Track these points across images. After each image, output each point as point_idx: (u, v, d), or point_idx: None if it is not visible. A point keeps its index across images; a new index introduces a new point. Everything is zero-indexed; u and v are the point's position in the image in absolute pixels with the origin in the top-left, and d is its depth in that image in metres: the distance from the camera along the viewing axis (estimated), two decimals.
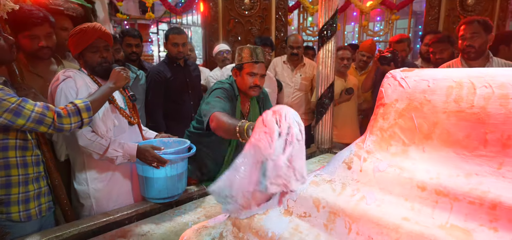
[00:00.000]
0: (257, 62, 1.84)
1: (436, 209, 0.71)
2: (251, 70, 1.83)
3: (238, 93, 1.91)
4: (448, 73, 0.84)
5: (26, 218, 1.43)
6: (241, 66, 1.85)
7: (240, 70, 1.86)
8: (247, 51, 1.84)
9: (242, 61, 1.85)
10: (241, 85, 1.88)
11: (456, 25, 4.00)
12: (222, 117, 1.55)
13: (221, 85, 1.87)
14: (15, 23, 1.57)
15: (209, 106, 1.69)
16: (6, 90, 1.29)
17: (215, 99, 1.73)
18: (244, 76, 1.84)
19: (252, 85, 1.84)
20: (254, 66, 1.83)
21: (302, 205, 0.87)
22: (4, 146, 1.36)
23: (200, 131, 1.91)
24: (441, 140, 0.80)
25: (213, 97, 1.75)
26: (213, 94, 1.79)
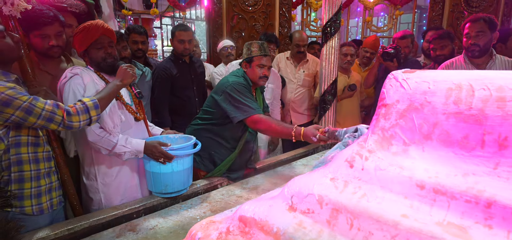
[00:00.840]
0: (266, 55, 2.05)
1: (434, 207, 0.75)
2: (260, 62, 2.03)
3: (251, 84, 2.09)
4: (448, 75, 0.87)
5: (38, 212, 1.48)
6: (252, 59, 2.04)
7: (250, 62, 2.05)
8: (256, 45, 2.05)
9: (252, 54, 2.04)
10: (252, 76, 2.06)
11: (460, 21, 4.02)
12: (271, 121, 1.90)
13: (239, 80, 2.02)
14: (26, 22, 1.61)
15: (244, 105, 1.92)
16: (18, 89, 1.33)
17: (247, 99, 1.95)
18: (254, 68, 2.04)
19: (262, 75, 2.04)
20: (263, 58, 2.03)
21: (305, 201, 0.90)
22: (17, 143, 1.41)
23: (213, 122, 2.04)
24: (440, 140, 0.83)
25: (243, 95, 1.95)
26: (239, 91, 1.95)
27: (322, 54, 2.82)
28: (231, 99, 1.93)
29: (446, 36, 2.67)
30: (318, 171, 0.98)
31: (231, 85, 1.96)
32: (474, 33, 2.19)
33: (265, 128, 1.91)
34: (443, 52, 2.67)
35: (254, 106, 1.94)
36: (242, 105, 1.92)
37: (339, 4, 2.72)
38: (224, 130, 2.03)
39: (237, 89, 1.95)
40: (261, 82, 2.07)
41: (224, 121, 1.99)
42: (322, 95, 2.86)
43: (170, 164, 1.70)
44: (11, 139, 1.38)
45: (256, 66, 2.03)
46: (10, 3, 1.42)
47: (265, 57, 2.04)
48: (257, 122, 1.90)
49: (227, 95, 1.95)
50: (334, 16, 2.71)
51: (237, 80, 2.01)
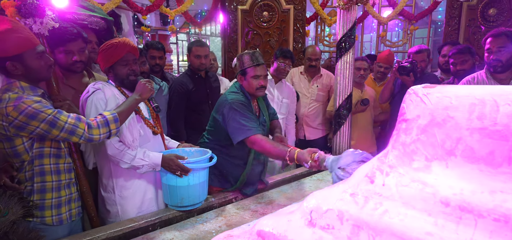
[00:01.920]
0: (258, 64, 1.96)
1: (460, 225, 0.72)
2: (254, 73, 1.95)
3: (249, 97, 2.02)
4: (471, 90, 0.85)
5: (57, 222, 1.51)
6: (245, 71, 1.97)
7: (244, 75, 1.98)
8: (247, 56, 1.97)
9: (244, 66, 1.97)
10: (248, 88, 2.00)
11: (477, 35, 3.96)
12: (266, 143, 1.78)
13: (237, 98, 1.94)
14: (52, 39, 1.68)
15: (240, 125, 1.84)
16: (43, 102, 1.39)
17: (245, 118, 1.86)
18: (249, 80, 1.96)
19: (258, 86, 1.96)
20: (256, 69, 1.95)
21: (325, 217, 0.89)
22: (40, 154, 1.45)
23: (219, 142, 1.99)
24: (465, 156, 0.81)
25: (240, 114, 1.87)
26: (237, 110, 1.87)
27: (336, 69, 2.82)
28: (230, 119, 1.88)
29: (467, 51, 2.64)
30: (337, 186, 0.97)
31: (230, 103, 1.90)
32: (495, 48, 2.16)
33: (260, 150, 1.82)
34: (463, 67, 2.64)
35: (252, 125, 1.85)
36: (240, 125, 1.84)
37: (353, 20, 2.73)
38: (231, 149, 1.97)
39: (235, 107, 1.88)
40: (259, 92, 2.00)
41: (229, 141, 1.92)
42: (337, 110, 2.85)
43: (186, 177, 1.71)
44: (35, 150, 1.43)
45: (251, 78, 1.95)
46: (40, 22, 1.49)
47: (258, 66, 1.95)
48: (253, 143, 1.82)
49: (226, 115, 1.89)
50: (348, 31, 2.72)
51: (235, 97, 1.94)
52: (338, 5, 2.73)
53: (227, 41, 3.95)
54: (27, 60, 1.39)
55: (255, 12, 3.89)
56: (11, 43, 1.34)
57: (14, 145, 1.39)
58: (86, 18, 2.13)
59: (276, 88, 2.95)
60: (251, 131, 1.82)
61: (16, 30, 1.36)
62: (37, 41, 1.44)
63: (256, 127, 1.87)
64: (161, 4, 3.92)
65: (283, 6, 3.92)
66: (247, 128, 1.83)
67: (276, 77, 2.95)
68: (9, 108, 1.31)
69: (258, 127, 1.89)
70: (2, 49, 1.34)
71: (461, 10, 3.96)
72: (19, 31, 1.36)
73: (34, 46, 1.41)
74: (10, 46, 1.34)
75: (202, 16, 7.33)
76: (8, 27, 1.34)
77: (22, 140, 1.39)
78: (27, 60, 1.39)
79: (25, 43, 1.38)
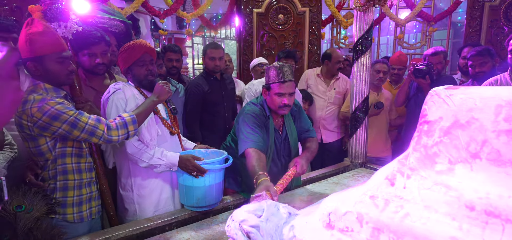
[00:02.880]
0: (284, 81, 1.80)
1: (486, 230, 0.70)
2: (278, 91, 1.81)
3: (270, 113, 1.92)
4: (496, 92, 0.83)
5: (78, 220, 1.55)
6: (269, 86, 1.86)
7: (269, 90, 1.87)
8: (273, 71, 1.82)
9: (270, 81, 1.84)
10: (271, 104, 1.88)
11: (499, 37, 3.83)
12: (251, 159, 1.68)
13: (252, 110, 1.88)
14: (76, 42, 1.74)
15: (243, 137, 1.79)
16: (66, 104, 1.43)
17: (248, 131, 1.80)
18: (273, 96, 1.84)
19: (281, 105, 1.83)
20: (282, 86, 1.80)
21: (344, 219, 0.88)
22: (62, 154, 1.50)
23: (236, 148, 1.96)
24: (491, 159, 0.79)
25: (246, 126, 1.81)
26: (246, 122, 1.83)
27: (353, 71, 2.78)
28: (239, 130, 1.86)
29: (486, 53, 2.56)
30: (356, 188, 0.96)
31: (243, 114, 1.87)
32: None
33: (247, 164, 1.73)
34: (482, 69, 2.56)
35: (253, 138, 1.76)
36: (243, 137, 1.79)
37: (370, 22, 2.69)
38: None
39: (246, 119, 1.82)
40: (281, 111, 1.86)
41: None
42: (353, 112, 2.81)
43: (203, 178, 1.72)
44: (57, 150, 1.48)
45: (275, 95, 1.82)
46: (64, 26, 1.55)
47: (284, 83, 1.79)
48: (245, 156, 1.75)
49: (238, 124, 1.89)
50: (365, 33, 2.68)
51: (251, 109, 1.88)
52: (355, 7, 2.70)
53: (242, 44, 3.97)
54: (47, 63, 1.44)
55: (271, 15, 3.90)
56: (36, 45, 1.40)
57: (38, 145, 1.43)
58: (107, 22, 2.20)
59: None
60: (247, 144, 1.74)
61: (44, 33, 1.41)
62: (64, 46, 1.49)
63: (256, 141, 1.76)
64: (178, 8, 3.98)
65: (298, 9, 3.91)
66: (247, 140, 1.76)
67: None
68: (33, 109, 1.36)
69: (260, 142, 1.78)
70: (27, 50, 1.40)
71: (483, 11, 3.85)
72: (46, 35, 1.42)
73: (57, 51, 1.46)
74: (34, 48, 1.40)
75: (217, 19, 7.39)
76: (38, 30, 1.40)
77: (46, 140, 1.44)
78: (46, 63, 1.44)
79: (48, 47, 1.43)
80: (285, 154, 2.05)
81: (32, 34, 1.38)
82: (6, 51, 0.56)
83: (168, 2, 3.95)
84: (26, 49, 1.39)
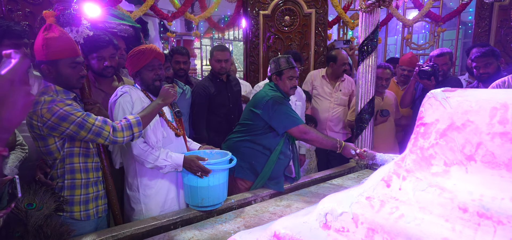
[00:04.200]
0: (293, 67, 2.25)
1: (478, 231, 0.71)
2: (289, 74, 2.23)
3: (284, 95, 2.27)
4: (492, 94, 0.84)
5: (85, 217, 1.60)
6: (281, 72, 2.24)
7: (280, 75, 2.25)
8: (283, 60, 2.26)
9: (281, 67, 2.24)
10: (283, 87, 2.26)
11: (509, 37, 3.77)
12: (317, 134, 2.18)
13: (277, 94, 2.19)
14: (86, 46, 1.80)
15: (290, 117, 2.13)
16: (74, 105, 1.48)
17: (292, 112, 2.17)
18: (285, 80, 2.24)
19: (292, 86, 2.25)
20: (291, 70, 2.24)
21: (340, 220, 0.90)
22: (70, 153, 1.55)
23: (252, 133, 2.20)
24: (485, 161, 0.79)
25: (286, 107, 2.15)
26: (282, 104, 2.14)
27: (359, 73, 2.78)
28: (276, 111, 2.10)
29: (490, 54, 2.52)
30: (353, 189, 0.97)
31: (273, 98, 2.13)
32: None
33: (312, 139, 2.14)
34: (487, 71, 2.53)
35: (298, 117, 2.16)
36: (289, 116, 2.11)
37: (376, 23, 2.69)
38: (262, 139, 2.18)
39: (280, 101, 2.13)
40: (291, 92, 2.28)
41: (263, 131, 2.17)
42: (359, 113, 2.81)
43: (207, 178, 1.76)
44: (66, 149, 1.53)
45: (286, 78, 2.23)
46: (76, 31, 1.61)
47: (292, 69, 2.24)
48: (305, 132, 2.12)
49: (270, 107, 2.10)
50: (371, 34, 2.68)
51: (275, 94, 2.18)
52: (361, 8, 2.70)
53: (249, 45, 4.00)
54: (61, 67, 1.50)
55: (277, 17, 3.91)
56: (51, 49, 1.46)
57: (48, 144, 1.49)
58: (116, 26, 2.25)
59: None
60: (301, 121, 2.14)
61: (60, 39, 1.48)
62: (78, 52, 1.56)
63: (301, 120, 2.16)
64: (186, 11, 4.04)
65: (304, 10, 3.92)
66: (296, 118, 2.13)
67: None
68: (43, 110, 1.41)
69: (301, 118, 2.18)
70: (43, 53, 1.46)
71: (492, 11, 3.79)
72: (61, 40, 1.49)
73: (71, 56, 1.52)
74: (50, 52, 1.46)
75: (225, 21, 7.44)
76: (55, 35, 1.47)
77: (55, 140, 1.49)
78: (61, 67, 1.50)
79: (63, 52, 1.49)
80: None
81: (49, 39, 1.45)
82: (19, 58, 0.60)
83: (175, 5, 4.01)
84: (42, 52, 1.46)
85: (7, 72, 0.57)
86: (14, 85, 0.57)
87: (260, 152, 2.17)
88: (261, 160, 2.17)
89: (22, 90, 0.58)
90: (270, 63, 2.31)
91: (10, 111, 0.56)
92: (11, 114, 0.57)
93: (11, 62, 0.58)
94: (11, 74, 0.57)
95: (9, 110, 0.56)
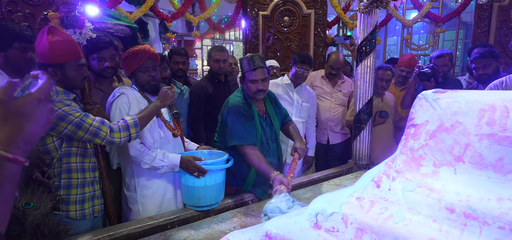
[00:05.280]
0: (255, 68, 1.95)
1: (464, 232, 0.72)
2: (252, 78, 1.96)
3: (250, 100, 2.06)
4: (482, 96, 0.84)
5: (81, 217, 1.61)
6: (243, 76, 2.03)
7: (244, 79, 2.04)
8: (245, 61, 2.00)
9: (243, 70, 2.01)
10: (248, 92, 2.03)
11: (508, 37, 3.76)
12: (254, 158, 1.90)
13: (236, 103, 2.00)
14: (86, 47, 1.82)
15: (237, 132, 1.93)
16: (73, 106, 1.50)
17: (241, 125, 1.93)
18: (248, 84, 2.00)
19: (256, 90, 1.97)
20: (253, 73, 1.95)
21: (330, 220, 0.90)
22: (68, 153, 1.56)
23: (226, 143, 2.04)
24: (473, 162, 0.80)
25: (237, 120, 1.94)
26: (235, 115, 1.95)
27: (357, 73, 2.78)
28: (228, 122, 1.96)
29: (488, 55, 2.52)
30: (344, 189, 0.98)
31: (229, 107, 1.98)
32: None
33: (248, 162, 1.94)
34: (486, 71, 2.53)
35: (246, 135, 1.93)
36: (236, 131, 1.93)
37: (374, 23, 2.69)
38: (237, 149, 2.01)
39: (233, 112, 1.95)
40: (258, 96, 2.01)
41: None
42: (357, 114, 2.81)
43: (204, 178, 1.77)
44: (63, 149, 1.55)
45: (249, 82, 1.97)
46: (79, 32, 1.63)
47: (255, 70, 1.94)
48: (244, 154, 1.93)
49: (224, 117, 1.99)
50: (369, 35, 2.68)
51: (236, 101, 2.01)
52: (359, 9, 2.70)
53: (248, 46, 4.01)
54: (67, 69, 1.53)
55: (276, 17, 3.92)
56: (57, 53, 1.48)
57: (45, 143, 1.50)
58: (113, 27, 2.27)
59: (296, 92, 2.95)
60: (245, 141, 1.92)
61: (65, 42, 1.50)
62: (81, 54, 1.58)
63: (251, 138, 1.94)
64: (185, 11, 4.06)
65: (304, 11, 3.93)
66: (242, 136, 1.92)
67: (295, 82, 2.96)
68: None
69: (254, 137, 1.96)
70: (48, 56, 1.48)
71: (491, 11, 3.78)
72: (67, 43, 1.51)
73: (76, 59, 1.55)
74: (56, 56, 1.49)
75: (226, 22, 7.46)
76: (60, 38, 1.49)
77: (52, 139, 1.50)
78: (67, 70, 1.53)
79: (69, 55, 1.52)
80: (272, 139, 2.16)
81: (55, 42, 1.47)
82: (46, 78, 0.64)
83: (175, 6, 4.02)
84: (48, 55, 1.48)
85: (36, 91, 0.61)
86: (41, 103, 0.62)
87: (241, 159, 2.01)
88: (241, 169, 2.05)
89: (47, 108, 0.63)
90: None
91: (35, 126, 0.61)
92: (35, 128, 0.61)
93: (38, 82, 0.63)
94: (39, 93, 0.62)
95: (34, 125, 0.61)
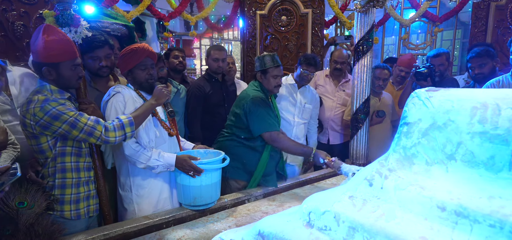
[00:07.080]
0: (278, 65, 2.22)
1: (455, 230, 0.72)
2: (274, 73, 2.21)
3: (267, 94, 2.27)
4: (474, 94, 0.84)
5: (75, 217, 1.60)
6: (266, 71, 2.22)
7: (265, 74, 2.23)
8: (268, 58, 2.23)
9: (266, 66, 2.21)
10: (267, 86, 2.25)
11: (506, 37, 3.76)
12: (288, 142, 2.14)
13: (258, 94, 2.19)
14: (81, 46, 1.81)
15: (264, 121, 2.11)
16: (67, 105, 1.49)
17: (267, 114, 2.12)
18: (269, 78, 2.22)
19: (276, 85, 2.23)
20: (276, 69, 2.22)
21: (323, 218, 0.90)
22: (62, 152, 1.56)
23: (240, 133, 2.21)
24: (465, 161, 0.80)
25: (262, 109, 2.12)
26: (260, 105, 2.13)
27: (354, 73, 2.78)
28: (253, 112, 2.10)
29: (485, 54, 2.52)
30: (337, 188, 0.98)
31: (252, 99, 2.14)
32: None
33: (282, 147, 2.13)
34: (482, 71, 2.52)
35: (273, 122, 2.13)
36: (263, 120, 2.10)
37: (371, 23, 2.69)
38: (249, 139, 2.18)
39: (258, 103, 2.12)
40: (276, 90, 2.28)
41: (248, 131, 2.17)
42: (355, 113, 2.81)
43: (199, 178, 1.76)
44: (58, 149, 1.54)
45: (271, 77, 2.21)
46: (74, 31, 1.62)
47: (277, 68, 2.21)
48: (274, 140, 2.10)
49: (248, 108, 2.12)
50: (366, 34, 2.68)
51: (257, 94, 2.19)
52: (356, 8, 2.70)
53: (246, 45, 4.00)
54: (62, 69, 1.52)
55: (274, 17, 3.91)
56: (53, 52, 1.47)
57: (40, 143, 1.50)
58: (109, 26, 2.26)
59: (299, 93, 2.93)
60: (273, 127, 2.11)
61: (60, 41, 1.49)
62: (77, 54, 1.57)
63: (277, 125, 2.14)
64: (183, 11, 4.03)
65: (301, 10, 3.92)
66: (270, 123, 2.11)
67: (299, 83, 2.94)
68: (36, 109, 1.42)
69: (278, 125, 2.16)
70: (44, 56, 1.47)
71: (489, 11, 3.78)
72: (62, 43, 1.50)
73: (72, 59, 1.54)
74: (51, 55, 1.47)
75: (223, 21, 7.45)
76: (56, 38, 1.48)
77: (47, 139, 1.50)
78: (62, 70, 1.52)
79: (64, 55, 1.51)
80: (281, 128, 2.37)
81: (50, 41, 1.46)
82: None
83: (172, 5, 4.01)
84: (44, 55, 1.47)
85: None
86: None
87: (251, 151, 2.18)
88: (253, 159, 2.19)
89: None
90: (255, 60, 2.31)
91: None
92: None
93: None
94: None
95: None
